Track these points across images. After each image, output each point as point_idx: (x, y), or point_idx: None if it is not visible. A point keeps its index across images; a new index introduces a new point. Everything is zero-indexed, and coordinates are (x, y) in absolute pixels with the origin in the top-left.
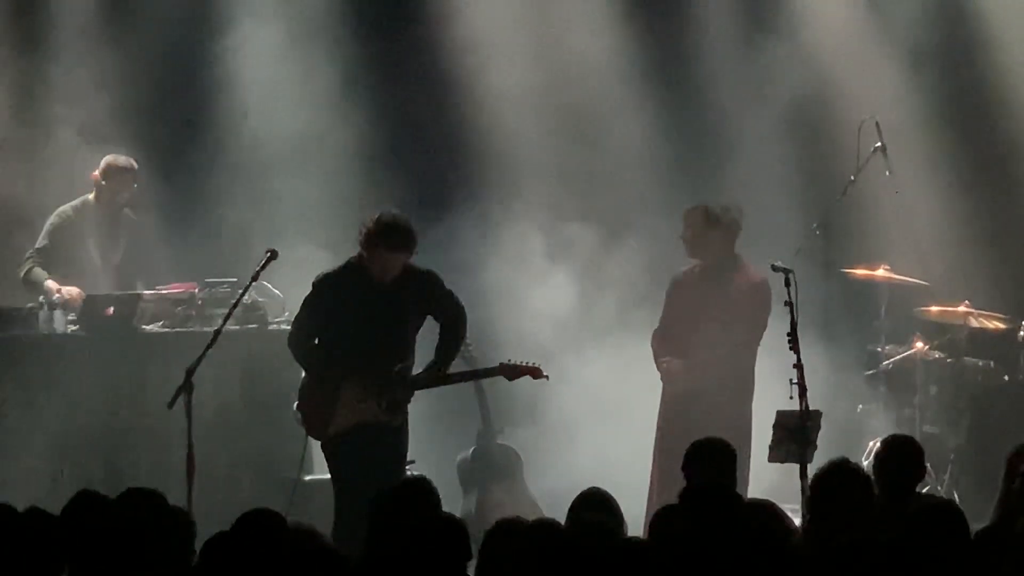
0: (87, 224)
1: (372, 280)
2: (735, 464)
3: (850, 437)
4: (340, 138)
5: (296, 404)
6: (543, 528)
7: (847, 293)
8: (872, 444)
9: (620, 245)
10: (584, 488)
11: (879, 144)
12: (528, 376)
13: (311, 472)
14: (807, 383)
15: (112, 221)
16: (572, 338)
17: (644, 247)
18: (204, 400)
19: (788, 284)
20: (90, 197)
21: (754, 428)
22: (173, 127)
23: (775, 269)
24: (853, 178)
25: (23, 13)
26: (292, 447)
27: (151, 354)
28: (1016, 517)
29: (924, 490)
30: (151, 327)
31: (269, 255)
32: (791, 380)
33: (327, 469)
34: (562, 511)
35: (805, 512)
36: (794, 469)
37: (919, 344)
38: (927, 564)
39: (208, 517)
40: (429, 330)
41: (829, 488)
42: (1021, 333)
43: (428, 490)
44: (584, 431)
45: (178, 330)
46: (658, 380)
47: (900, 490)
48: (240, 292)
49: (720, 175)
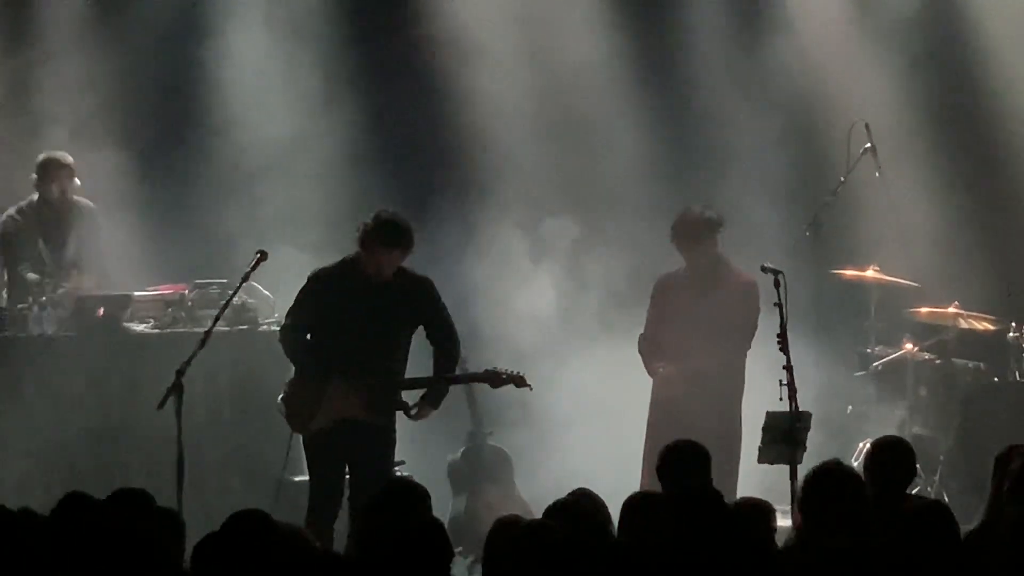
0: (32, 223)
1: (366, 278)
2: (709, 465)
3: (840, 438)
4: (325, 141)
5: (281, 396)
6: (545, 528)
7: (837, 294)
8: (862, 445)
9: (608, 247)
10: (574, 488)
11: (868, 145)
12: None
13: (299, 473)
14: (797, 384)
15: (59, 218)
16: (561, 340)
17: (634, 249)
18: (194, 401)
19: (778, 285)
20: (34, 197)
21: (744, 429)
22: (161, 128)
23: (765, 270)
24: (843, 179)
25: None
26: (283, 448)
27: (141, 355)
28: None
29: (914, 491)
30: (141, 328)
31: (259, 256)
32: (781, 381)
33: None
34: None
35: (796, 513)
36: (784, 470)
37: (909, 345)
38: (918, 565)
39: (198, 517)
40: (422, 344)
41: (821, 490)
42: (1010, 334)
43: (415, 491)
44: (575, 432)
45: (168, 331)
46: (647, 382)
47: (891, 491)
48: (230, 293)
49: (710, 177)
